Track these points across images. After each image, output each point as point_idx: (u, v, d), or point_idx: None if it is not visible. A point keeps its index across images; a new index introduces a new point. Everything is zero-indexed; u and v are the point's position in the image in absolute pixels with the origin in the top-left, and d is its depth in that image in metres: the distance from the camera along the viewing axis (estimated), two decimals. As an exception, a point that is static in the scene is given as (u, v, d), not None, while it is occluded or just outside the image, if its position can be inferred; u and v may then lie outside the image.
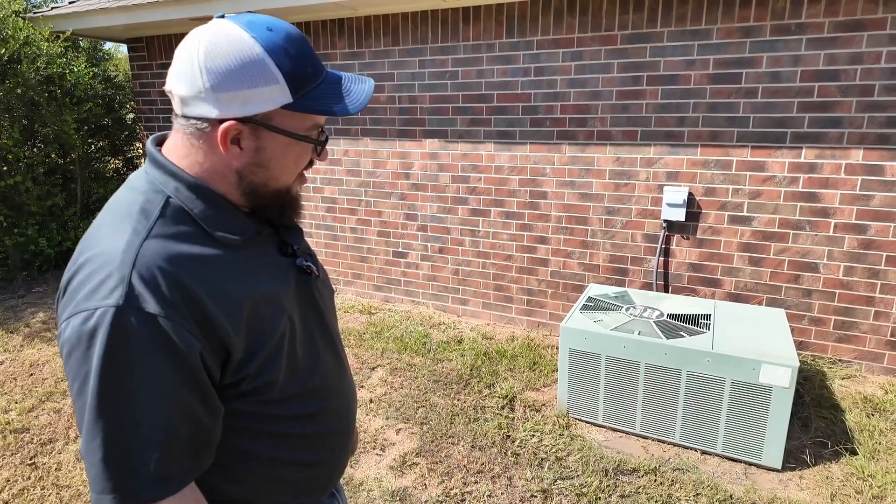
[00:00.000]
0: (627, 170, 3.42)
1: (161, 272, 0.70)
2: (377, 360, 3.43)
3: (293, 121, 0.78)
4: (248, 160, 0.79)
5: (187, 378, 0.71)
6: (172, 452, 0.71)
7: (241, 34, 0.74)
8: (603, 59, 3.32)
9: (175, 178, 0.78)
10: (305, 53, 0.78)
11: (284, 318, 0.83)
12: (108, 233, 0.74)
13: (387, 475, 2.40)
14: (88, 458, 0.69)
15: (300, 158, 0.83)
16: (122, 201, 0.78)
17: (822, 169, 3.01)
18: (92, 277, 0.70)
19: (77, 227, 5.19)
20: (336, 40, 4.06)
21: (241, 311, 0.76)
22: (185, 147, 0.79)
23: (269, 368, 0.80)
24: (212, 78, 0.72)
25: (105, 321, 0.67)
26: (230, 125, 0.75)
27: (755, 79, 3.02)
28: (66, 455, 2.58)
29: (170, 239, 0.74)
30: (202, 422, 0.74)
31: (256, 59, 0.73)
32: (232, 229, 0.80)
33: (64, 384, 3.22)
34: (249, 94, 0.74)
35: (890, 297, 3.02)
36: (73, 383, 0.70)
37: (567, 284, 3.74)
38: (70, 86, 4.98)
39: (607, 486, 2.30)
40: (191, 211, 0.77)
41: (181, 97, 0.75)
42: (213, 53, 0.72)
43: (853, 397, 2.88)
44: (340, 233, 4.49)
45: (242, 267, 0.80)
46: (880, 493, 2.23)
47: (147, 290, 0.69)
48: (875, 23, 2.76)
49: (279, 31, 0.76)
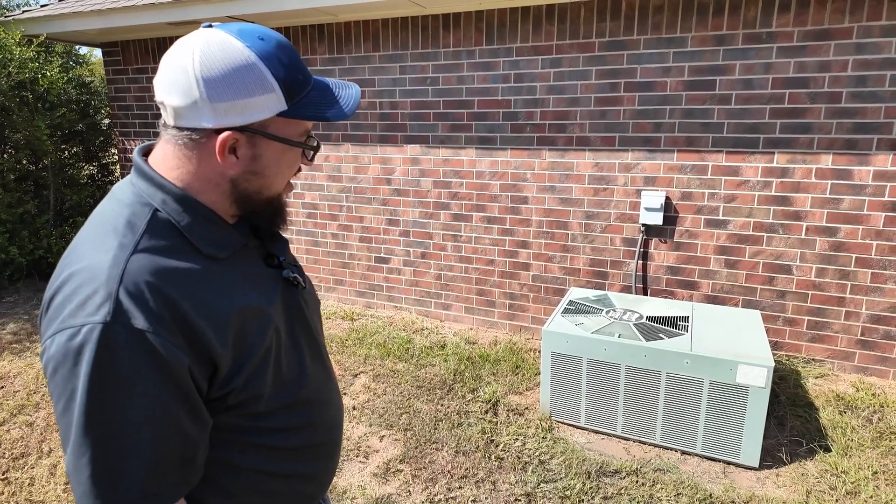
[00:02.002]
0: (606, 175, 3.47)
1: (148, 287, 0.70)
2: (360, 366, 3.42)
3: (287, 127, 0.79)
4: (243, 168, 0.78)
5: (176, 393, 0.71)
6: (162, 469, 0.71)
7: (234, 43, 0.73)
8: (581, 66, 3.37)
9: (162, 191, 0.77)
10: (296, 61, 0.78)
11: (271, 331, 0.83)
12: (93, 247, 0.72)
13: (370, 482, 2.39)
14: (76, 476, 0.68)
15: (292, 165, 0.84)
16: (106, 214, 0.76)
17: (793, 173, 3.09)
18: (77, 293, 0.69)
19: (50, 235, 5.06)
20: (316, 46, 4.05)
21: (228, 326, 0.76)
22: (175, 158, 0.78)
23: (255, 382, 0.80)
24: (208, 88, 0.72)
25: (92, 338, 0.66)
26: (228, 135, 0.74)
27: (728, 86, 3.10)
28: (40, 469, 2.51)
29: (157, 253, 0.73)
30: (191, 437, 0.74)
31: (252, 67, 0.73)
32: (219, 243, 0.80)
33: (36, 397, 3.14)
34: (247, 102, 0.73)
35: (859, 298, 3.11)
36: (58, 401, 0.69)
37: (548, 288, 3.78)
38: (42, 91, 4.87)
39: (590, 488, 2.32)
40: (178, 224, 0.76)
41: (174, 108, 0.74)
42: (209, 63, 0.72)
43: (826, 395, 2.95)
44: (322, 238, 4.46)
45: (229, 281, 0.80)
46: (854, 488, 2.29)
47: (135, 306, 0.68)
48: (841, 32, 2.86)
49: (270, 39, 0.76)
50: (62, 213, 5.46)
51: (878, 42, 2.80)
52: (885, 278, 3.04)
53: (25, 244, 4.86)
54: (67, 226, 5.30)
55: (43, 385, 3.27)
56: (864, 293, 3.09)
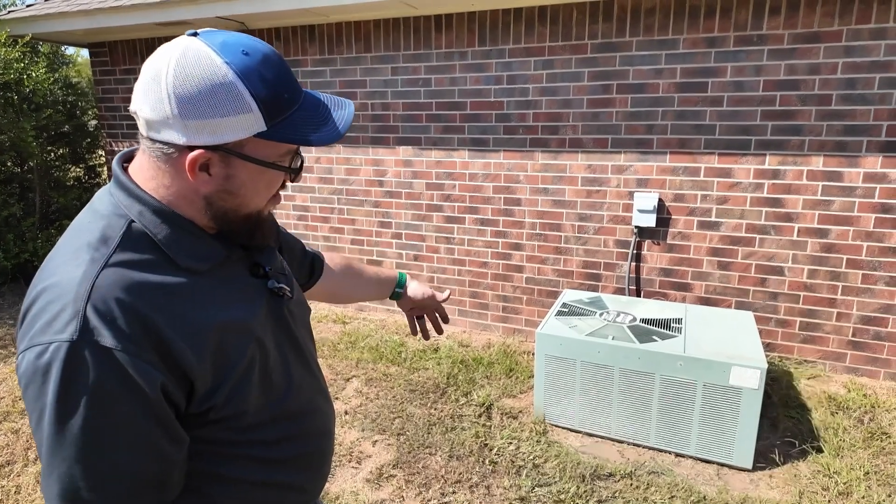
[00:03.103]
0: (599, 177, 3.47)
1: (118, 303, 0.67)
2: (352, 370, 3.39)
3: (266, 148, 0.74)
4: (216, 187, 0.75)
5: (147, 411, 0.69)
6: (134, 487, 0.70)
7: (212, 58, 0.69)
8: (574, 67, 3.36)
9: (139, 202, 0.74)
10: (282, 78, 0.74)
11: (253, 345, 0.80)
12: (65, 261, 0.71)
13: (363, 488, 2.36)
14: (46, 493, 0.68)
15: (272, 184, 0.80)
16: (83, 225, 0.74)
17: (785, 175, 3.10)
18: (47, 310, 0.67)
19: (36, 238, 4.98)
20: (307, 47, 4.02)
21: (204, 341, 0.74)
22: (151, 169, 0.75)
23: (237, 397, 0.78)
24: (180, 104, 0.68)
25: (59, 356, 0.64)
26: (199, 154, 0.71)
27: (720, 88, 3.11)
28: (26, 478, 2.46)
29: (129, 267, 0.71)
30: (165, 454, 0.72)
31: (228, 85, 0.69)
32: (198, 256, 0.77)
33: (22, 404, 3.07)
34: (220, 122, 0.70)
35: (850, 299, 3.13)
36: (31, 416, 0.68)
37: (542, 290, 3.77)
38: (28, 92, 4.80)
39: (584, 491, 2.31)
40: (154, 237, 0.73)
41: (146, 120, 0.71)
42: (182, 78, 0.68)
43: (818, 396, 2.97)
44: (313, 241, 4.43)
45: (208, 295, 0.77)
46: (846, 489, 2.30)
47: (102, 324, 0.66)
48: (831, 35, 2.88)
49: (255, 54, 0.72)
50: (48, 215, 5.38)
51: (867, 45, 2.82)
52: (876, 279, 3.06)
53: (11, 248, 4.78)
54: (53, 229, 5.22)
55: (28, 391, 3.21)
56: (855, 294, 3.11)
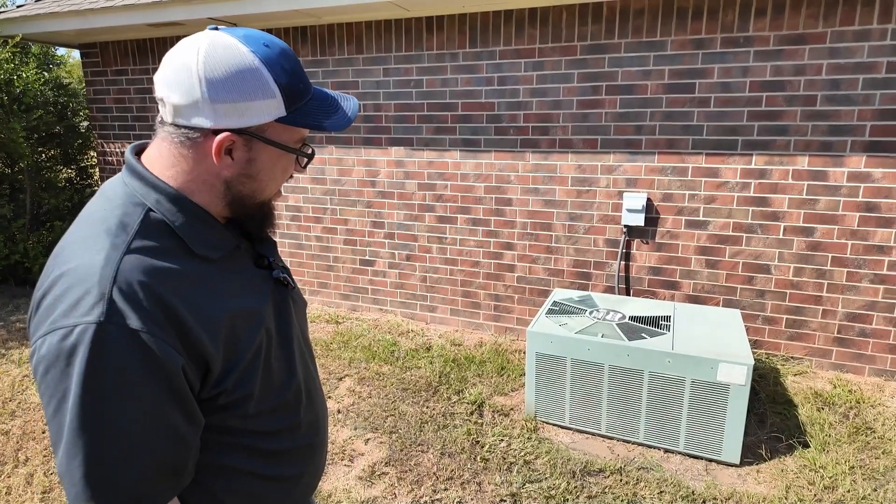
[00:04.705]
0: (589, 177, 3.50)
1: (142, 287, 0.70)
2: (344, 369, 3.40)
3: (284, 133, 0.80)
4: (238, 171, 0.79)
5: (171, 393, 0.71)
6: (155, 470, 0.71)
7: (239, 47, 0.74)
8: (563, 69, 3.40)
9: (156, 190, 0.77)
10: (298, 70, 0.80)
11: (262, 332, 0.84)
12: (84, 247, 0.72)
13: (356, 486, 2.37)
14: (69, 478, 0.68)
15: (286, 170, 0.85)
16: (97, 213, 0.76)
17: (771, 175, 3.15)
18: (69, 293, 0.68)
19: (26, 239, 4.96)
20: (299, 48, 4.03)
21: (219, 327, 0.77)
22: (171, 156, 0.78)
23: (245, 382, 0.81)
24: (211, 88, 0.73)
25: (86, 338, 0.66)
26: (226, 136, 0.75)
27: (707, 89, 3.15)
28: (16, 479, 2.46)
29: (149, 254, 0.73)
30: (185, 437, 0.74)
31: (255, 72, 0.74)
32: (212, 244, 0.80)
33: (12, 405, 3.07)
34: (248, 105, 0.74)
35: (836, 297, 3.18)
36: (49, 402, 0.68)
37: (533, 289, 3.80)
38: (18, 92, 4.78)
39: (575, 487, 2.33)
40: (172, 224, 0.77)
41: (174, 105, 0.75)
42: (213, 64, 0.73)
43: (805, 392, 3.01)
44: (306, 241, 4.44)
45: (221, 282, 0.80)
46: (831, 483, 2.34)
47: (128, 306, 0.68)
48: (816, 37, 2.93)
49: (275, 46, 0.78)
50: (39, 217, 5.36)
51: (851, 46, 2.87)
52: (861, 277, 3.11)
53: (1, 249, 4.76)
54: (45, 230, 5.20)
55: (19, 393, 3.19)
56: (841, 292, 3.16)
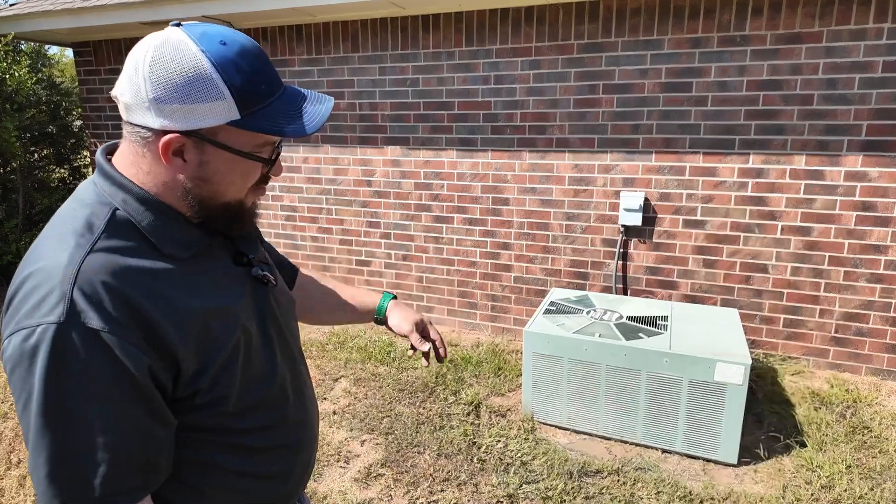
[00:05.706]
0: (586, 176, 3.49)
1: (104, 286, 0.69)
2: (340, 370, 3.38)
3: (240, 137, 0.76)
4: (192, 173, 0.77)
5: (134, 393, 0.70)
6: (122, 468, 0.71)
7: (189, 46, 0.72)
8: (560, 68, 3.38)
9: (123, 190, 0.76)
10: (259, 69, 0.75)
11: (238, 331, 0.82)
12: (51, 247, 0.72)
13: (351, 488, 2.35)
14: (35, 477, 0.69)
15: (248, 175, 0.81)
16: (67, 214, 0.76)
17: (768, 174, 3.15)
18: (33, 293, 0.69)
19: (19, 240, 4.92)
20: (294, 46, 4.01)
21: (189, 326, 0.75)
22: (132, 155, 0.78)
23: (222, 382, 0.79)
24: (154, 89, 0.71)
25: (46, 338, 0.66)
26: (172, 137, 0.73)
27: (705, 87, 3.15)
28: (9, 481, 2.43)
29: (115, 252, 0.72)
30: (153, 436, 0.73)
31: (202, 73, 0.71)
32: (181, 243, 0.78)
33: (4, 406, 3.04)
34: (192, 108, 0.72)
35: (833, 296, 3.18)
36: (17, 400, 0.69)
37: (530, 289, 3.78)
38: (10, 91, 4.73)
39: (572, 488, 2.32)
40: (138, 224, 0.75)
41: (126, 104, 0.74)
42: (158, 64, 0.71)
43: (802, 392, 3.01)
44: (301, 241, 4.41)
45: (192, 281, 0.78)
46: (828, 482, 2.33)
47: (89, 306, 0.68)
48: (812, 36, 2.92)
49: (233, 44, 0.74)
50: (32, 217, 5.31)
51: (847, 45, 2.87)
52: (857, 276, 3.11)
53: (-7, 249, 4.72)
54: (37, 230, 5.15)
55: (10, 395, 3.16)
56: (838, 291, 3.16)
